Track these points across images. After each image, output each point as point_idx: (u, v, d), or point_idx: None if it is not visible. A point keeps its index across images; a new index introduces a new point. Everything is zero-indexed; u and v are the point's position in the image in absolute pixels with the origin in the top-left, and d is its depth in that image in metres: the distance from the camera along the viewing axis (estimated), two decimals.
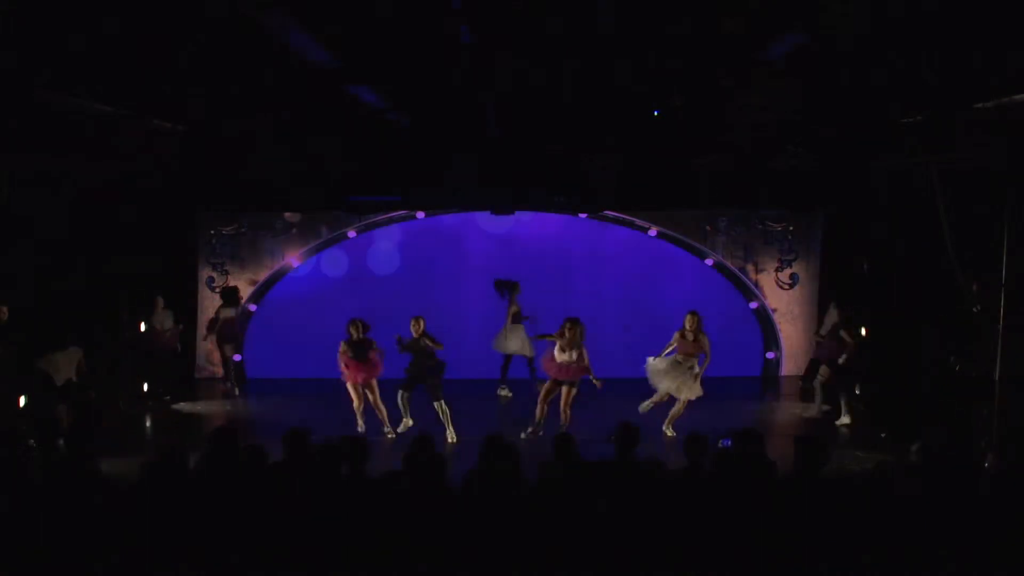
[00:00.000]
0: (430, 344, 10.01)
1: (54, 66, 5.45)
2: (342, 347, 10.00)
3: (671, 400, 10.32)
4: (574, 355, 9.78)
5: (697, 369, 10.16)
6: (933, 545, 4.03)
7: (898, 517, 4.08)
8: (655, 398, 10.31)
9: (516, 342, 11.87)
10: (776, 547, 4.21)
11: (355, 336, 9.96)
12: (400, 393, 10.14)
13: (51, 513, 4.50)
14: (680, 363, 10.16)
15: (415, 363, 10.08)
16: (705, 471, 5.36)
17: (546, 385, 10.04)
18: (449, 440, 9.87)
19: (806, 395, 12.04)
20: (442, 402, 9.97)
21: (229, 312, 12.62)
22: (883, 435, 10.08)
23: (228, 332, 12.61)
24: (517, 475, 5.35)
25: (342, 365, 10.08)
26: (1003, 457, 5.40)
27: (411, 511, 4.63)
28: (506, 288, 11.95)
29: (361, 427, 10.12)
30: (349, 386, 10.19)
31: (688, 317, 10.13)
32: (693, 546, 4.29)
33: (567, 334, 9.80)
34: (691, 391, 10.13)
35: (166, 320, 12.30)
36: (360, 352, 9.96)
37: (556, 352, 9.90)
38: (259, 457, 5.41)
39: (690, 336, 10.10)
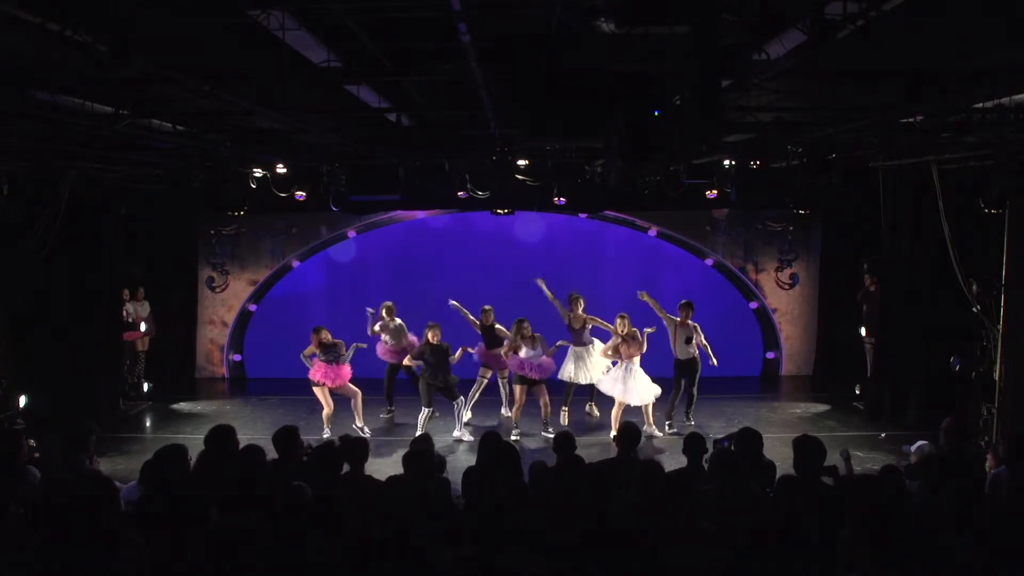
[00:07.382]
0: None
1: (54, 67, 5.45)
2: (316, 353, 9.96)
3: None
4: (538, 348, 10.02)
5: (638, 367, 10.00)
6: (933, 546, 4.03)
7: (897, 517, 4.07)
8: (615, 413, 10.03)
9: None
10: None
11: (326, 339, 9.96)
12: (425, 411, 9.96)
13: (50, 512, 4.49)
14: (624, 370, 9.97)
15: (436, 376, 9.92)
16: (705, 471, 5.35)
17: (520, 390, 10.12)
18: (461, 436, 10.06)
19: None
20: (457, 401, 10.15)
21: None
22: (882, 435, 10.08)
23: None
24: (518, 472, 5.35)
25: (314, 370, 10.00)
26: (1003, 457, 5.38)
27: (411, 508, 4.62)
28: None
29: (326, 434, 9.89)
30: (318, 392, 10.03)
31: (620, 320, 9.99)
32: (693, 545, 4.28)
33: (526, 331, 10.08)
34: (643, 395, 9.98)
35: (141, 309, 12.30)
36: (332, 355, 9.97)
37: (524, 351, 10.04)
38: (257, 456, 5.41)
39: (629, 338, 9.95)
